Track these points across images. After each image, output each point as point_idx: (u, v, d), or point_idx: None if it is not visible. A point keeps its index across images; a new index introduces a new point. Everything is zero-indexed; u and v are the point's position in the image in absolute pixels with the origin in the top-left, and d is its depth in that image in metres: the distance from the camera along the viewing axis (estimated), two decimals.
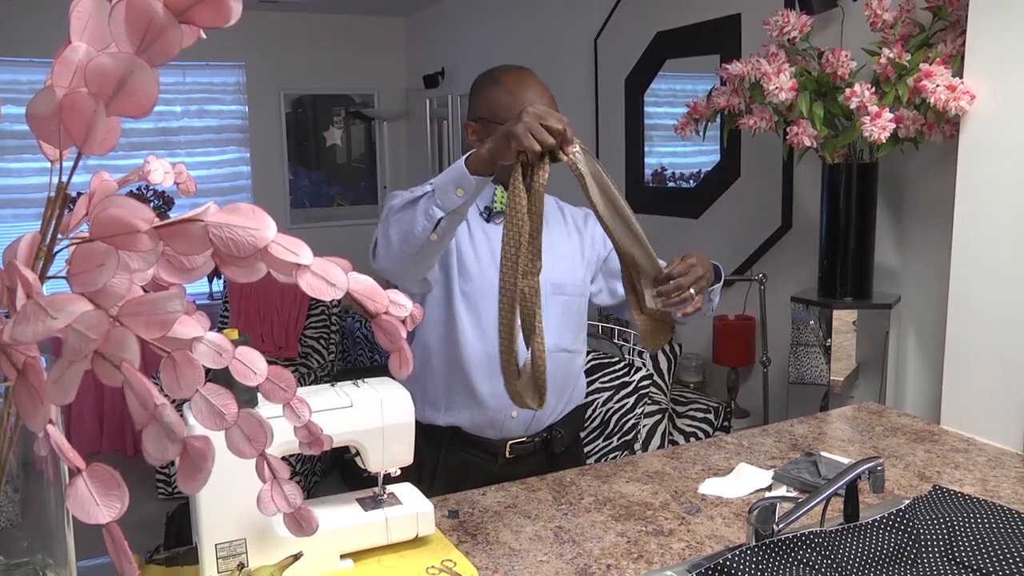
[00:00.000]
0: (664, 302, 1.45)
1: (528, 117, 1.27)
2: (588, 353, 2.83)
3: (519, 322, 1.32)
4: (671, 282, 1.44)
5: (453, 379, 1.66)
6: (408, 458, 1.31)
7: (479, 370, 1.64)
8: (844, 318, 2.37)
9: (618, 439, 2.82)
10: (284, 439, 0.90)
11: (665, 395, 2.94)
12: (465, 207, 1.39)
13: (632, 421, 2.82)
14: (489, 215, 1.67)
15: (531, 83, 1.63)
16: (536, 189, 1.31)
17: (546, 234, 1.71)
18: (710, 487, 1.54)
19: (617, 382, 2.82)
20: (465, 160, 1.36)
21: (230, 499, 1.13)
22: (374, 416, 1.26)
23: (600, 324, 3.20)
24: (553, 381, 1.68)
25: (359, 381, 1.32)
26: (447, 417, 1.68)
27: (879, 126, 2.02)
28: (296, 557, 1.15)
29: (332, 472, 4.18)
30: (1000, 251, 1.75)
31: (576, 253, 1.74)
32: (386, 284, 0.65)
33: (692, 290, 1.44)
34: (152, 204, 4.84)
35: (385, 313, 0.57)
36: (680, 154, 3.52)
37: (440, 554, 1.28)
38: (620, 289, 1.77)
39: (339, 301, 4.56)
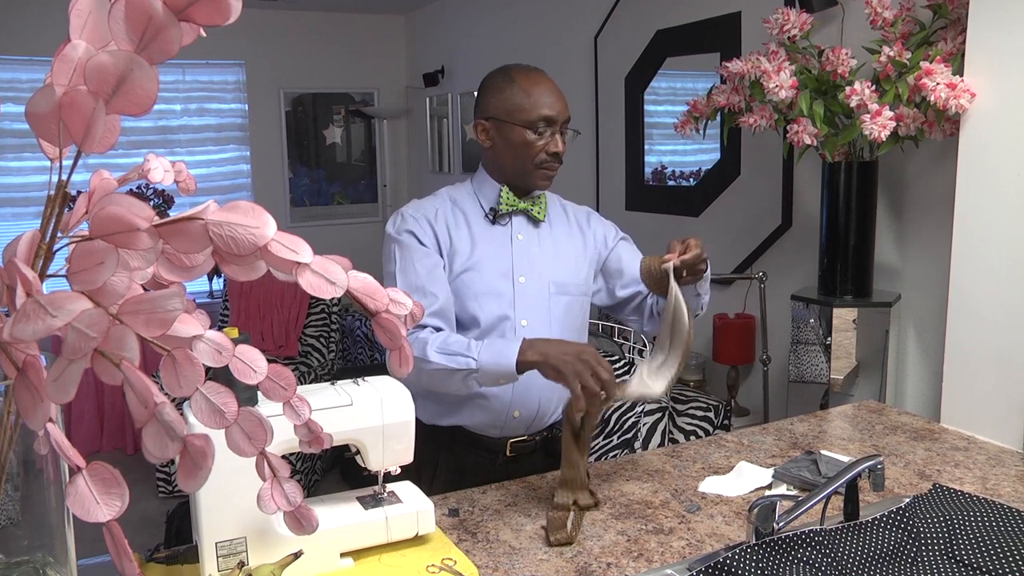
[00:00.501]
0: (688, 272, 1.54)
1: (581, 365, 1.35)
2: None
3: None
4: (688, 254, 1.54)
5: None
6: (408, 457, 1.31)
7: None
8: (844, 316, 2.37)
9: (618, 438, 2.82)
10: (284, 437, 0.90)
11: (665, 394, 2.94)
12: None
13: (632, 420, 2.82)
14: (495, 217, 1.67)
15: (546, 85, 1.61)
16: (583, 437, 1.43)
17: (549, 233, 1.71)
18: (710, 485, 1.54)
19: (618, 381, 2.82)
20: (516, 359, 1.41)
21: (230, 498, 1.13)
22: (374, 414, 1.26)
23: (600, 323, 3.20)
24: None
25: (359, 379, 1.32)
26: (450, 418, 1.68)
27: (879, 124, 2.02)
28: (296, 555, 1.15)
29: (332, 471, 4.18)
30: (1000, 249, 1.75)
31: (579, 252, 1.74)
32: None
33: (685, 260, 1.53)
34: (152, 202, 4.83)
35: (385, 311, 0.57)
36: (680, 152, 3.52)
37: (440, 552, 1.28)
38: (618, 290, 1.77)
39: (339, 299, 4.55)
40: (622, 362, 2.88)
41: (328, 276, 0.52)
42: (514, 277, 1.64)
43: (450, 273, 1.63)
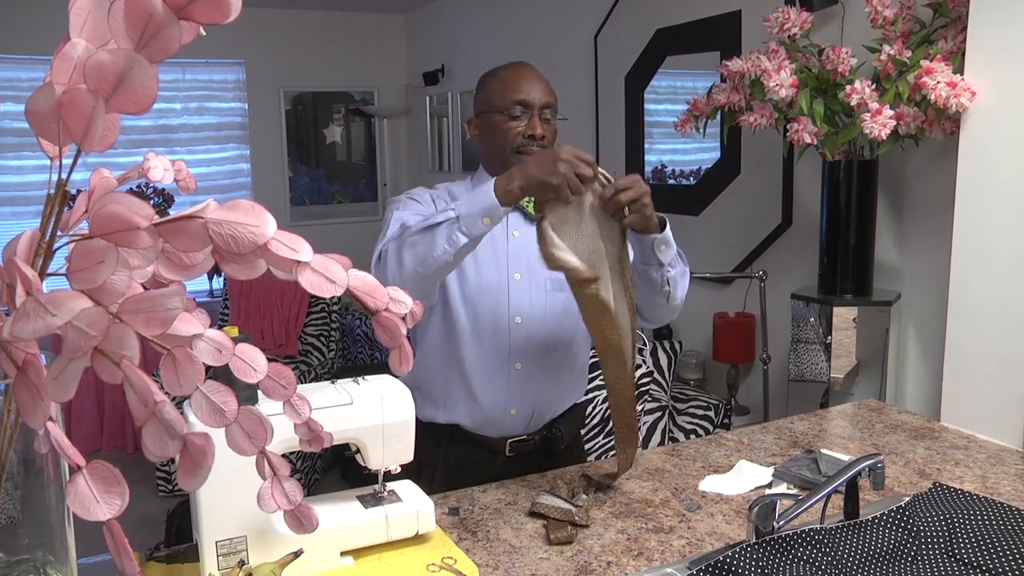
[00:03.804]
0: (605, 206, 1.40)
1: (563, 153, 1.30)
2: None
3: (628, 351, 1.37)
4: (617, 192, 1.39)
5: (451, 377, 1.66)
6: (408, 455, 1.31)
7: (476, 368, 1.63)
8: (844, 315, 2.37)
9: None
10: (284, 436, 0.90)
11: (665, 392, 2.94)
12: (488, 232, 1.40)
13: None
14: None
15: (524, 72, 1.65)
16: (593, 214, 1.36)
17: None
18: (710, 484, 1.54)
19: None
20: (495, 190, 1.36)
21: (230, 496, 1.13)
22: (374, 413, 1.26)
23: None
24: (549, 377, 1.69)
25: (359, 378, 1.32)
26: (446, 415, 1.68)
27: (879, 123, 2.01)
28: (296, 554, 1.15)
29: (332, 469, 4.18)
30: (1000, 248, 1.75)
31: None
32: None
33: (626, 202, 1.39)
34: (152, 201, 4.83)
35: (385, 310, 0.57)
36: (680, 151, 3.51)
37: (440, 551, 1.28)
38: None
39: (339, 298, 4.56)
40: None
41: (328, 275, 0.52)
42: (510, 274, 1.64)
43: None
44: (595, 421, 2.84)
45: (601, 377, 2.85)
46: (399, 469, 1.32)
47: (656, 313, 1.61)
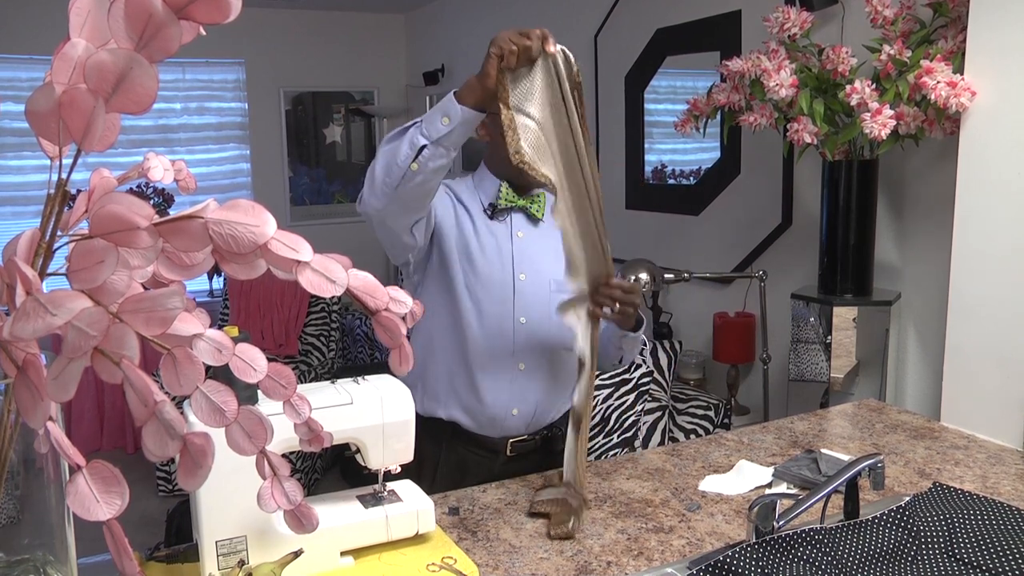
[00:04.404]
0: (595, 302, 1.43)
1: (506, 31, 1.30)
2: None
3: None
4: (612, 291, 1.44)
5: (455, 372, 1.66)
6: (408, 455, 1.31)
7: (481, 368, 1.63)
8: (844, 315, 2.37)
9: (618, 436, 2.82)
10: (284, 436, 0.90)
11: (665, 392, 2.94)
12: (451, 140, 1.38)
13: (632, 418, 2.82)
14: (493, 212, 1.67)
15: None
16: (558, 77, 1.32)
17: (548, 231, 1.71)
18: (710, 484, 1.54)
19: (617, 379, 2.82)
20: (453, 91, 1.37)
21: (230, 496, 1.13)
22: (374, 413, 1.26)
23: None
24: (551, 378, 1.69)
25: (359, 378, 1.32)
26: (448, 410, 1.68)
27: (879, 123, 2.01)
28: (296, 554, 1.15)
29: (332, 469, 4.18)
30: (1000, 248, 1.75)
31: None
32: (386, 281, 0.65)
33: (615, 308, 1.46)
34: (152, 201, 4.83)
35: (385, 310, 0.57)
36: (680, 151, 3.51)
37: (440, 551, 1.28)
38: None
39: (339, 298, 4.56)
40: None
41: (328, 274, 0.52)
42: (515, 274, 1.64)
43: (452, 258, 1.62)
44: (595, 421, 2.84)
45: (600, 377, 2.85)
46: (399, 469, 1.32)
47: (600, 367, 1.71)
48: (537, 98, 1.35)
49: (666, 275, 2.99)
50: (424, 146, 1.36)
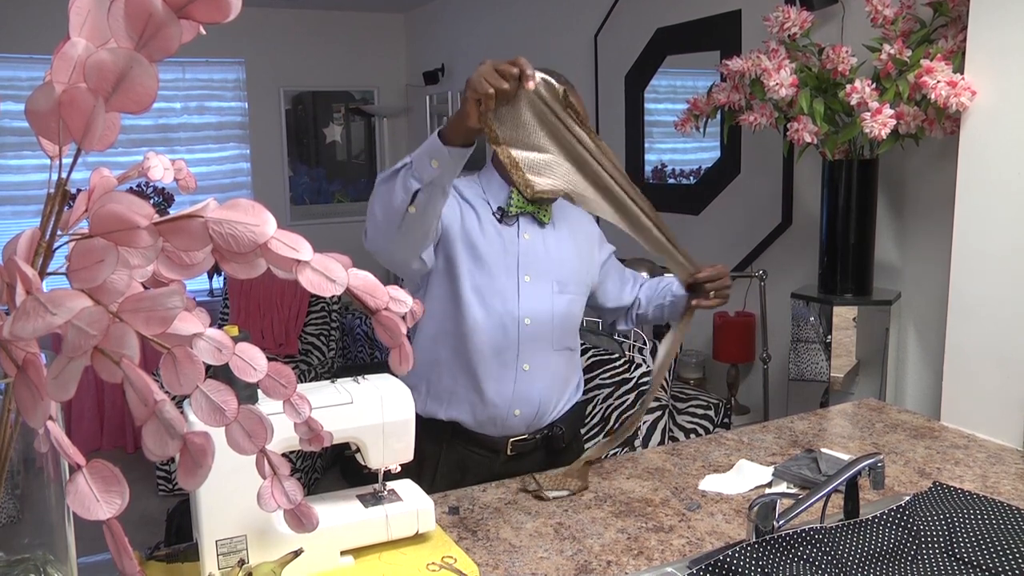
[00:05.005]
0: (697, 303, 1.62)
1: (482, 67, 1.26)
2: (588, 350, 2.84)
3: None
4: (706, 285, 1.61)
5: (459, 372, 1.65)
6: (408, 455, 1.31)
7: (485, 368, 1.63)
8: (844, 314, 2.37)
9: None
10: (284, 435, 0.90)
11: (665, 392, 2.94)
12: (444, 179, 1.37)
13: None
14: (502, 216, 1.66)
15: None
16: (532, 113, 1.28)
17: (553, 232, 1.71)
18: (710, 483, 1.54)
19: (617, 379, 2.82)
20: (439, 131, 1.35)
21: (230, 496, 1.13)
22: (374, 412, 1.26)
23: (599, 321, 3.20)
24: (554, 380, 1.69)
25: (359, 377, 1.32)
26: (449, 411, 1.68)
27: (879, 122, 2.01)
28: (296, 554, 1.15)
29: (332, 469, 4.18)
30: (1000, 247, 1.75)
31: (581, 251, 1.74)
32: (386, 280, 0.65)
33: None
34: (152, 200, 4.83)
35: (385, 309, 0.57)
36: (680, 150, 3.51)
37: (440, 550, 1.28)
38: (609, 302, 1.86)
39: (339, 298, 4.56)
40: (622, 360, 2.88)
41: (328, 274, 0.52)
42: (519, 276, 1.64)
43: (459, 259, 1.62)
44: (595, 420, 2.84)
45: (600, 376, 2.85)
46: (399, 468, 1.32)
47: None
48: (530, 128, 1.31)
49: (666, 275, 2.99)
50: (418, 190, 1.36)
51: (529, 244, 1.66)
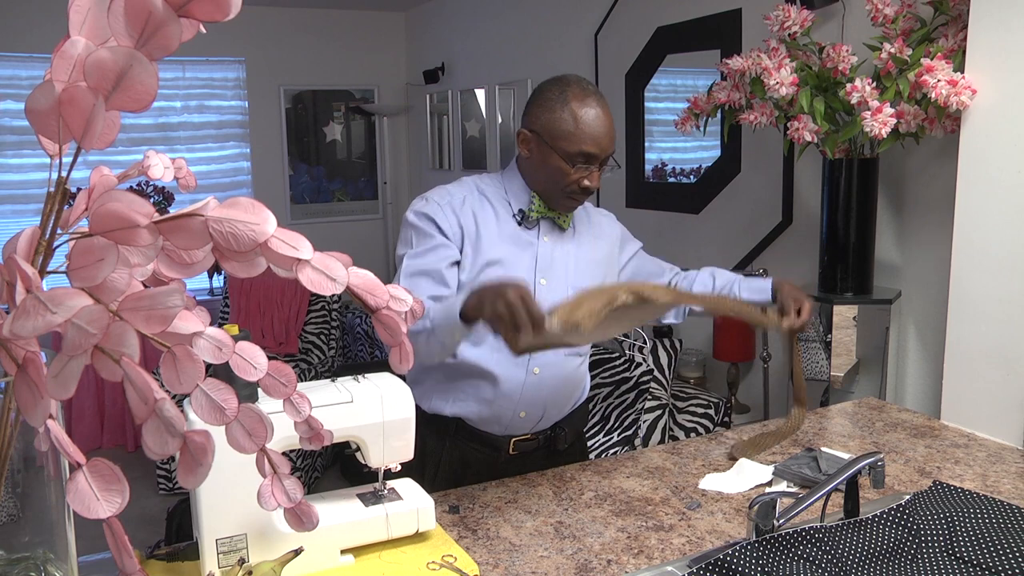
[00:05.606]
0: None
1: (500, 304, 1.22)
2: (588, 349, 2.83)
3: None
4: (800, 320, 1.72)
5: (469, 371, 1.65)
6: (408, 454, 1.31)
7: (496, 371, 1.62)
8: (844, 313, 2.37)
9: (619, 434, 2.83)
10: (284, 434, 0.90)
11: (665, 391, 2.94)
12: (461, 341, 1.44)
13: (632, 416, 2.82)
14: (523, 219, 1.64)
15: (597, 115, 1.55)
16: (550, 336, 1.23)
17: (572, 236, 1.70)
18: (710, 482, 1.54)
19: (618, 377, 2.82)
20: (461, 309, 1.32)
21: (231, 494, 1.13)
22: (374, 411, 1.26)
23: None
24: (563, 385, 1.69)
25: (359, 376, 1.32)
26: (454, 408, 1.67)
27: (880, 121, 2.01)
28: (296, 552, 1.15)
29: (332, 468, 4.18)
30: (1001, 246, 1.75)
31: (600, 257, 1.73)
32: (386, 279, 0.65)
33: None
34: (152, 199, 4.83)
35: (385, 308, 0.57)
36: (681, 149, 3.51)
37: (440, 549, 1.28)
38: None
39: (339, 296, 4.56)
40: (622, 359, 2.89)
41: (328, 272, 0.52)
42: (536, 279, 1.63)
43: (474, 260, 1.60)
44: (595, 419, 2.84)
45: (601, 375, 2.85)
46: (399, 467, 1.32)
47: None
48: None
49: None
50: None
51: (548, 248, 1.65)
